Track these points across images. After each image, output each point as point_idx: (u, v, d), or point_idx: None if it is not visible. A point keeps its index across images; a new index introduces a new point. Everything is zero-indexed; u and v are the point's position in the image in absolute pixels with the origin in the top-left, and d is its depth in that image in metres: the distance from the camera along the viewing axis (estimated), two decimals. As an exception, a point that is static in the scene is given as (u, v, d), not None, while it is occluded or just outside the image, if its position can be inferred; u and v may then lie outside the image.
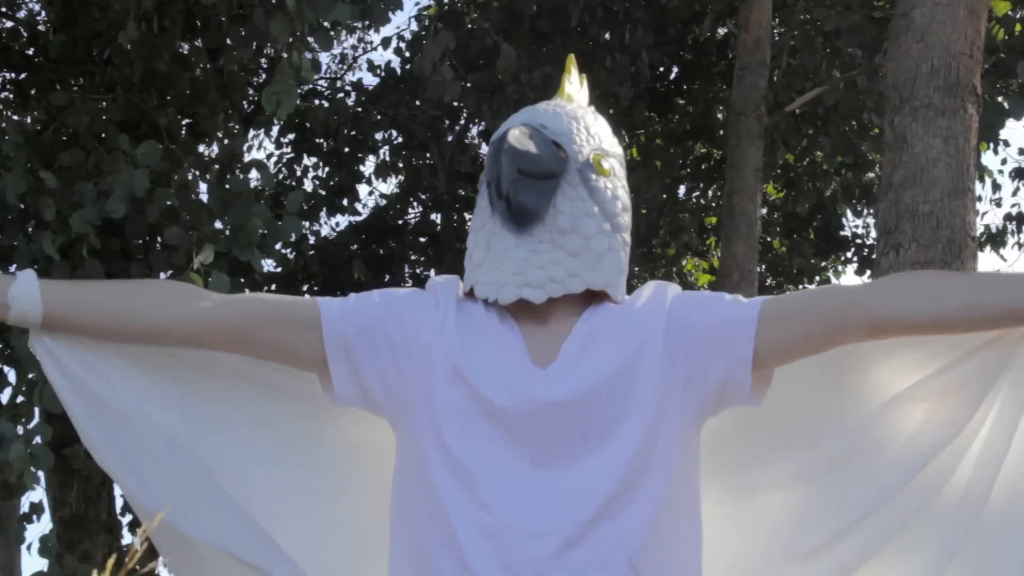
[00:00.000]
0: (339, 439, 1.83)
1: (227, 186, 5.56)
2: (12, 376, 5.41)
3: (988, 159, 12.34)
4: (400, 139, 9.81)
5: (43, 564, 5.74)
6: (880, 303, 1.62)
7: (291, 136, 9.46)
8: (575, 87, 1.85)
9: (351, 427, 1.82)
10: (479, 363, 1.63)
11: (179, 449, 1.71)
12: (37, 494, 14.43)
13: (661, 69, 9.03)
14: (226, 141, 6.72)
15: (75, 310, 1.64)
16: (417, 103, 9.11)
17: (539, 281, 1.63)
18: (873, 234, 9.68)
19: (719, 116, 9.05)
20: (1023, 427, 1.67)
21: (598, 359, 1.63)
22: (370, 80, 9.99)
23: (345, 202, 9.64)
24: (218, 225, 5.42)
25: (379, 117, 9.21)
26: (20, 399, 5.24)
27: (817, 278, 10.31)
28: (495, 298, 1.65)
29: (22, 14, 7.05)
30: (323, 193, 9.55)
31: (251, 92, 7.68)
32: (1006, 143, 8.56)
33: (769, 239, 10.25)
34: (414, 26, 9.68)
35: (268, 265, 8.23)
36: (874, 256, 4.26)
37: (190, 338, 1.68)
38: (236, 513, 1.71)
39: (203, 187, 6.04)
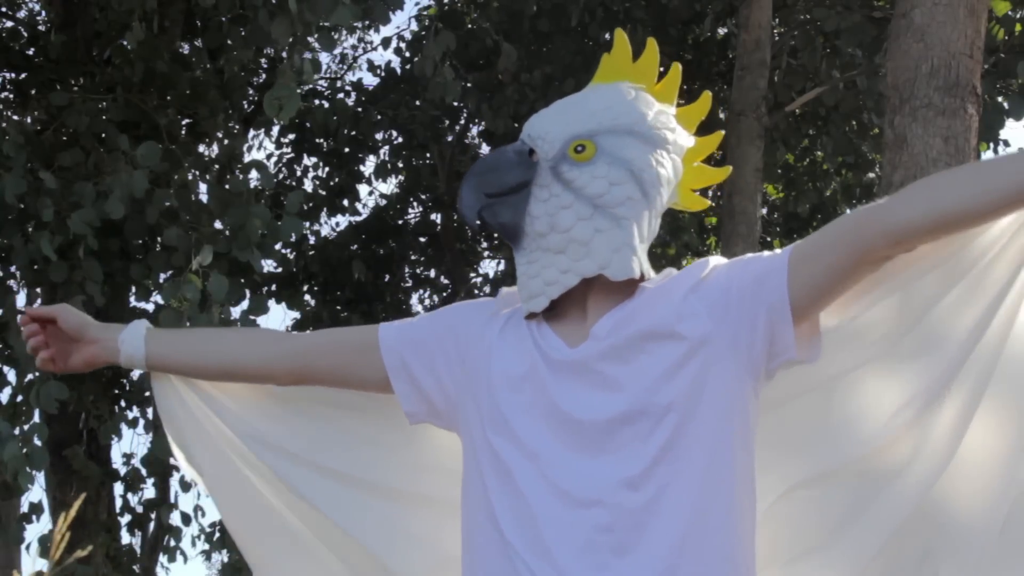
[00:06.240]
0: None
1: (227, 186, 5.56)
2: (12, 376, 5.41)
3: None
4: (400, 139, 9.81)
5: (43, 564, 5.74)
6: (894, 211, 1.58)
7: (291, 136, 9.46)
8: (620, 63, 1.88)
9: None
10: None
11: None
12: (37, 494, 14.31)
13: (662, 69, 9.00)
14: (226, 141, 6.72)
15: (170, 352, 1.90)
16: (417, 103, 9.10)
17: (537, 290, 1.68)
18: (873, 234, 9.66)
19: (719, 116, 9.04)
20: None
21: (628, 338, 1.64)
22: (370, 80, 10.01)
23: (345, 202, 9.64)
24: (218, 225, 5.42)
25: (379, 117, 9.20)
26: (19, 399, 5.25)
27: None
28: (526, 315, 1.72)
29: (22, 14, 7.05)
30: (323, 193, 9.55)
31: (251, 92, 7.68)
32: (1006, 143, 8.55)
33: (769, 239, 10.25)
34: (414, 26, 9.67)
35: (268, 265, 8.24)
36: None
37: (260, 372, 1.88)
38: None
39: (203, 187, 6.05)
